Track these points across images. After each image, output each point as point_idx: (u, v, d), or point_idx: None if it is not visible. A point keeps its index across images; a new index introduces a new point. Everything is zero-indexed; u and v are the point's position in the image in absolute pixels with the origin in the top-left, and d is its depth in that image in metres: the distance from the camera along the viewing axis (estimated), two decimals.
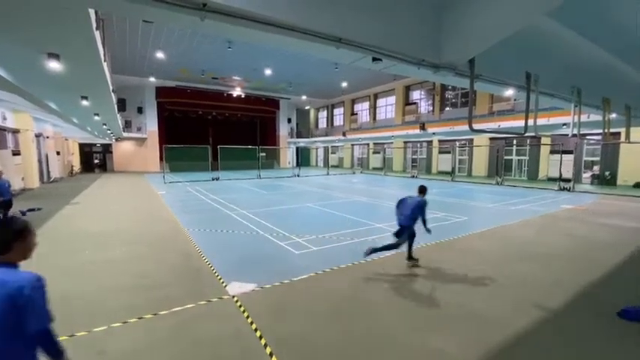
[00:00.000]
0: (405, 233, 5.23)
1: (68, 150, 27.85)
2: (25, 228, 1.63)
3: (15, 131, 15.47)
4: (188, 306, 3.95)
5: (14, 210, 9.67)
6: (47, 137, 20.20)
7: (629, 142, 9.08)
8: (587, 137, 16.05)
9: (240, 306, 3.96)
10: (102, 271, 5.19)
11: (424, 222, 5.18)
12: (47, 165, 20.29)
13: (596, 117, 9.29)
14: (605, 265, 5.46)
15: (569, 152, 16.69)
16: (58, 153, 22.96)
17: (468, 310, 3.92)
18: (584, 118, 8.00)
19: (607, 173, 18.08)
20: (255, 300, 4.14)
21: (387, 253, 5.80)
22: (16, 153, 15.19)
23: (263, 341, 3.23)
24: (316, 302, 4.13)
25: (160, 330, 3.46)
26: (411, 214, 5.13)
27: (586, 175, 19.39)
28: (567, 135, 7.60)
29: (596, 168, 19.12)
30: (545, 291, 4.47)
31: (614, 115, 8.27)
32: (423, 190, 5.41)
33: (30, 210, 10.23)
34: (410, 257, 5.53)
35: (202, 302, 4.03)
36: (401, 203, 5.36)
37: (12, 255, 1.58)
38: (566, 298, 4.24)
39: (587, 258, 5.89)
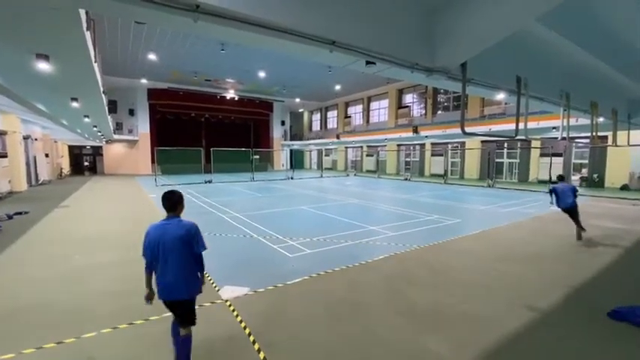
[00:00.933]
0: (576, 210, 7.01)
1: (57, 152, 27.34)
2: (181, 195, 2.80)
3: (2, 133, 15.13)
4: None
5: None
6: (35, 139, 19.79)
7: (616, 146, 9.29)
8: (576, 140, 16.31)
9: (233, 310, 3.92)
10: (91, 276, 5.09)
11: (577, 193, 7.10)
12: (35, 167, 19.85)
13: (584, 121, 9.48)
14: (595, 266, 5.55)
15: (559, 155, 17.01)
16: (46, 155, 22.52)
17: (463, 311, 3.94)
18: (572, 121, 8.15)
19: (595, 176, 18.44)
20: (248, 304, 4.10)
21: (381, 256, 6.06)
22: (2, 155, 14.85)
23: (256, 346, 3.20)
24: (311, 305, 4.10)
25: (151, 335, 3.40)
26: (573, 196, 6.91)
27: (575, 178, 19.73)
28: (557, 138, 7.76)
29: (584, 170, 19.48)
30: (537, 292, 4.52)
31: (601, 119, 8.46)
32: (563, 177, 7.38)
33: (17, 213, 9.98)
34: (583, 228, 7.11)
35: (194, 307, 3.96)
36: (559, 195, 7.00)
37: (177, 211, 2.78)
38: (558, 298, 4.30)
39: (576, 259, 5.98)
